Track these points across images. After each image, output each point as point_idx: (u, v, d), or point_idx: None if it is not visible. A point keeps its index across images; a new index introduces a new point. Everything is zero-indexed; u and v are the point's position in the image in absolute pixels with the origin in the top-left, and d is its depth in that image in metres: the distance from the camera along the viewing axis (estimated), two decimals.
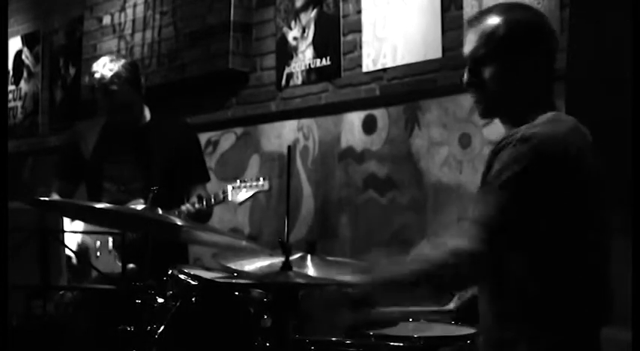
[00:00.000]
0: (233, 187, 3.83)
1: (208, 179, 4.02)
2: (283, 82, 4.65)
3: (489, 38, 2.20)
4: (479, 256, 2.02)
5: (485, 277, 2.14)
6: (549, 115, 2.17)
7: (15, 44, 6.65)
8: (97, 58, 5.70)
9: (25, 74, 6.59)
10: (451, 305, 2.61)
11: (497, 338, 2.17)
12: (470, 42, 2.24)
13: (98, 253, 3.64)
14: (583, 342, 2.12)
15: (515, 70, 2.20)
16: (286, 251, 2.52)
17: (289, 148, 2.81)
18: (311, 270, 2.68)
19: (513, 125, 2.17)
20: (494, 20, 2.22)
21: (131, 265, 3.36)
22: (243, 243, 3.12)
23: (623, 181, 2.49)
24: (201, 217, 3.67)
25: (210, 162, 5.07)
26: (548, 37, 2.25)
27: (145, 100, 3.92)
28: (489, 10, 2.29)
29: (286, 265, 2.50)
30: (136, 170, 3.85)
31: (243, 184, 3.85)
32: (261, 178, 3.76)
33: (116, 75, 3.79)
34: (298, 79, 4.57)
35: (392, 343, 2.51)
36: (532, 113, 2.16)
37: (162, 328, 2.77)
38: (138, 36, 5.44)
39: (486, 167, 2.12)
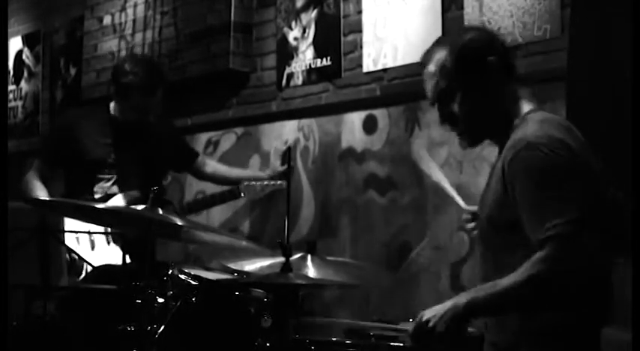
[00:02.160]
0: (247, 184, 3.91)
1: (197, 154, 4.47)
2: (284, 82, 4.65)
3: (443, 71, 2.22)
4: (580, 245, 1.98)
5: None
6: (534, 115, 2.19)
7: (15, 44, 6.65)
8: (97, 58, 5.75)
9: (25, 74, 6.59)
10: None
11: (498, 338, 2.17)
12: (429, 81, 2.26)
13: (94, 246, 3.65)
14: (583, 342, 2.12)
15: (479, 92, 2.23)
16: (286, 253, 2.52)
17: (289, 149, 2.81)
18: (311, 270, 2.69)
19: (502, 139, 2.20)
20: (442, 53, 2.25)
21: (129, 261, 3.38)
22: (243, 243, 3.12)
23: (623, 181, 2.49)
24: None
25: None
26: (495, 49, 2.27)
27: None
28: (435, 45, 2.31)
29: (286, 267, 2.50)
30: (135, 166, 3.88)
31: (259, 183, 3.95)
32: (279, 179, 3.85)
33: (159, 78, 3.90)
34: (299, 80, 4.57)
35: (392, 344, 2.51)
36: (513, 121, 2.20)
37: (162, 328, 2.77)
38: (138, 36, 5.44)
39: (501, 180, 2.12)
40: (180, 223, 2.87)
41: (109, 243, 3.77)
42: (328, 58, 4.41)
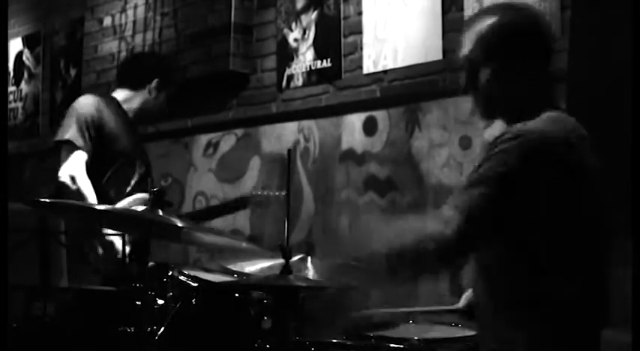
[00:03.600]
0: (255, 194, 3.89)
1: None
2: (284, 83, 4.65)
3: (483, 41, 2.21)
4: (455, 244, 2.05)
5: (460, 267, 2.17)
6: (549, 114, 2.17)
7: (16, 45, 6.65)
8: (97, 59, 5.75)
9: (25, 75, 6.59)
10: (460, 304, 2.60)
11: (497, 339, 2.17)
12: (466, 45, 2.25)
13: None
14: (583, 343, 2.12)
15: (511, 72, 2.20)
16: (286, 256, 2.52)
17: (289, 152, 2.80)
18: (311, 272, 2.68)
19: (512, 123, 2.18)
20: (488, 22, 2.22)
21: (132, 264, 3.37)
22: (244, 244, 3.11)
23: (623, 181, 2.49)
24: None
25: (211, 163, 5.08)
26: (543, 38, 2.25)
27: None
28: (485, 12, 2.30)
29: (286, 270, 2.50)
30: (134, 166, 3.87)
31: (266, 192, 3.94)
32: (277, 191, 3.84)
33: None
34: (299, 81, 4.57)
35: (392, 345, 2.51)
36: (532, 113, 2.17)
37: (162, 329, 2.76)
38: (139, 37, 5.44)
39: (481, 160, 2.13)
40: (180, 224, 2.87)
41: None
42: (328, 59, 4.41)
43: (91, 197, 3.60)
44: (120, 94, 3.95)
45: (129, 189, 3.80)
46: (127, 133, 3.86)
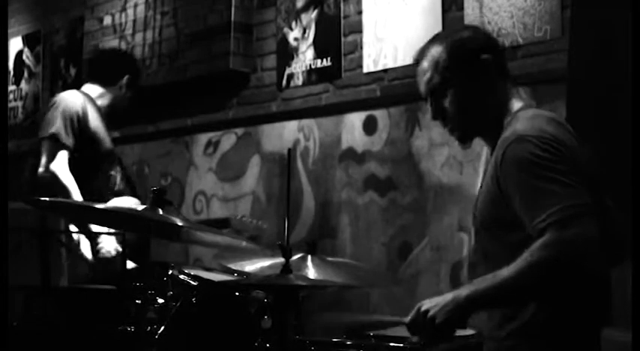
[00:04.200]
0: (239, 219, 3.88)
1: None
2: (284, 82, 4.65)
3: (438, 67, 2.25)
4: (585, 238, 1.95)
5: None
6: (527, 112, 2.19)
7: (16, 44, 6.65)
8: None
9: (25, 74, 6.59)
10: None
11: (498, 339, 2.17)
12: (422, 77, 2.28)
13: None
14: (583, 343, 2.12)
15: (471, 90, 2.24)
16: (286, 254, 2.52)
17: (289, 150, 2.80)
18: (311, 271, 2.69)
19: (491, 138, 2.21)
20: (436, 49, 2.27)
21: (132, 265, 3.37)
22: (244, 243, 3.11)
23: (623, 182, 2.49)
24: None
25: (211, 162, 5.08)
26: (489, 47, 2.29)
27: None
28: (430, 42, 2.33)
29: (286, 269, 2.50)
30: (117, 166, 3.87)
31: (250, 220, 3.93)
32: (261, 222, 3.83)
33: None
34: (299, 80, 4.57)
35: (392, 345, 2.51)
36: (503, 119, 2.21)
37: (162, 328, 2.77)
38: (139, 36, 5.44)
39: (494, 178, 2.11)
40: (179, 223, 2.87)
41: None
42: (328, 58, 4.41)
43: (75, 193, 3.57)
44: (91, 90, 3.92)
45: (116, 188, 3.79)
46: (106, 131, 3.85)
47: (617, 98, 2.99)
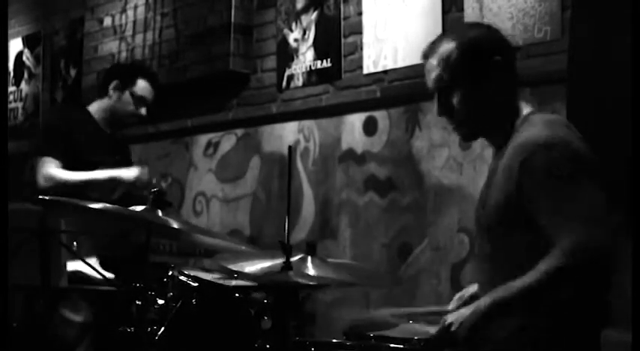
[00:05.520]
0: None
1: None
2: (284, 83, 4.65)
3: (447, 64, 2.22)
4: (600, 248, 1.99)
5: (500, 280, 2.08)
6: (539, 116, 2.19)
7: (16, 45, 6.66)
8: (97, 59, 5.75)
9: (25, 75, 6.59)
10: (451, 305, 2.60)
11: (498, 339, 2.17)
12: (431, 73, 2.26)
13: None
14: (583, 343, 2.12)
15: (480, 89, 2.23)
16: (287, 252, 2.52)
17: (290, 148, 2.80)
18: (311, 271, 2.68)
19: (497, 139, 2.20)
20: (448, 46, 2.25)
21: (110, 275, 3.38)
22: (243, 247, 3.11)
23: (623, 182, 2.49)
24: None
25: (211, 163, 5.08)
26: (502, 49, 2.28)
27: None
28: (441, 38, 2.32)
29: (287, 266, 2.50)
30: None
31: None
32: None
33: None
34: (299, 81, 4.57)
35: (392, 345, 2.50)
36: (510, 121, 2.21)
37: (162, 329, 2.77)
38: (139, 37, 5.44)
39: (512, 180, 2.11)
40: (179, 226, 2.87)
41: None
42: (328, 59, 4.41)
43: (92, 175, 3.72)
44: (92, 107, 4.02)
45: (115, 197, 3.81)
46: (100, 143, 3.89)
47: (617, 98, 2.99)
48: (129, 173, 3.79)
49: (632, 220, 2.30)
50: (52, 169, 3.75)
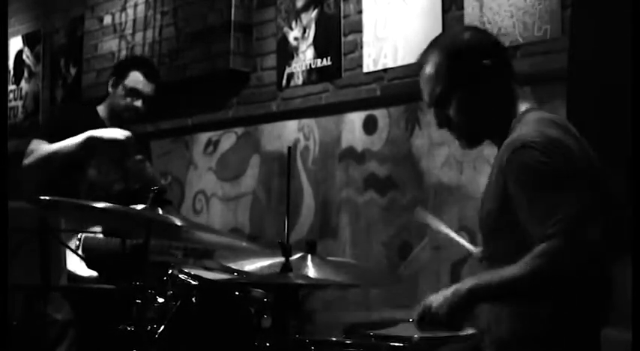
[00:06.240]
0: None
1: None
2: (284, 82, 4.65)
3: (437, 77, 2.21)
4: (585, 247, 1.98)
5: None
6: (533, 114, 2.18)
7: (16, 44, 6.65)
8: (97, 57, 5.75)
9: (25, 74, 6.59)
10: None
11: (498, 338, 2.17)
12: (424, 89, 2.26)
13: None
14: (583, 343, 2.12)
15: (475, 96, 2.22)
16: (286, 253, 2.52)
17: (289, 148, 2.80)
18: (311, 270, 2.68)
19: (502, 139, 2.20)
20: (435, 58, 2.23)
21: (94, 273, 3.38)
22: (243, 244, 3.11)
23: (623, 181, 2.49)
24: None
25: (211, 162, 5.08)
26: (491, 51, 2.25)
27: None
28: (431, 46, 2.29)
29: (286, 267, 2.50)
30: (116, 172, 3.87)
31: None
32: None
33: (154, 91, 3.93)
34: (299, 80, 4.57)
35: (392, 344, 2.51)
36: (511, 121, 2.20)
37: (162, 327, 2.77)
38: (139, 36, 5.44)
39: (500, 180, 2.11)
40: (179, 223, 2.86)
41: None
42: (328, 58, 4.41)
43: (69, 140, 3.70)
44: (99, 107, 4.03)
45: (115, 189, 3.81)
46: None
47: (617, 98, 2.99)
48: (107, 132, 3.75)
49: (632, 220, 2.29)
50: (33, 145, 3.78)
